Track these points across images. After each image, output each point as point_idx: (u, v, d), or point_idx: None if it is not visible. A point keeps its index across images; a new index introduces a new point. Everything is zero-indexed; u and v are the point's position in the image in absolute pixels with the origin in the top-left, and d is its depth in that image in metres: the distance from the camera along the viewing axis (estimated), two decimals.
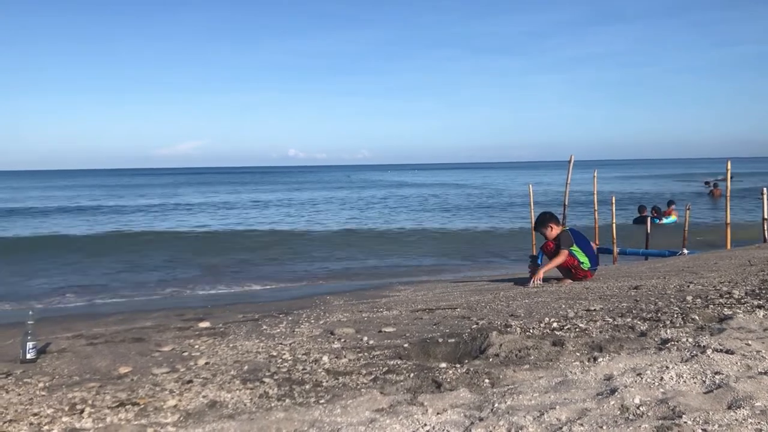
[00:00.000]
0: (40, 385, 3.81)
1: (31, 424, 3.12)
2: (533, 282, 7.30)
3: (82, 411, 3.28)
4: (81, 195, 49.11)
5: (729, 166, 13.07)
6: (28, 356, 4.38)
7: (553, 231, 7.50)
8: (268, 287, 11.10)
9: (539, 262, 7.77)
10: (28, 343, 4.39)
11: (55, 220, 26.91)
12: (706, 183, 45.85)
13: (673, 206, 20.87)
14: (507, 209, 30.12)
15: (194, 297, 10.17)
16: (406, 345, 4.38)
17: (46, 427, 3.06)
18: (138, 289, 11.03)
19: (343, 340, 4.67)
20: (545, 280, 7.47)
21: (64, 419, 3.16)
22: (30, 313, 4.64)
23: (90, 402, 3.42)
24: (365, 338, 4.68)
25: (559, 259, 7.31)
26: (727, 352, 3.49)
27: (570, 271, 7.40)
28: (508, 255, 15.29)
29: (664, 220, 19.82)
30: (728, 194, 12.99)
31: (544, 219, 7.67)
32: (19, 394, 3.62)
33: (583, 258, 7.36)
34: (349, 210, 32.17)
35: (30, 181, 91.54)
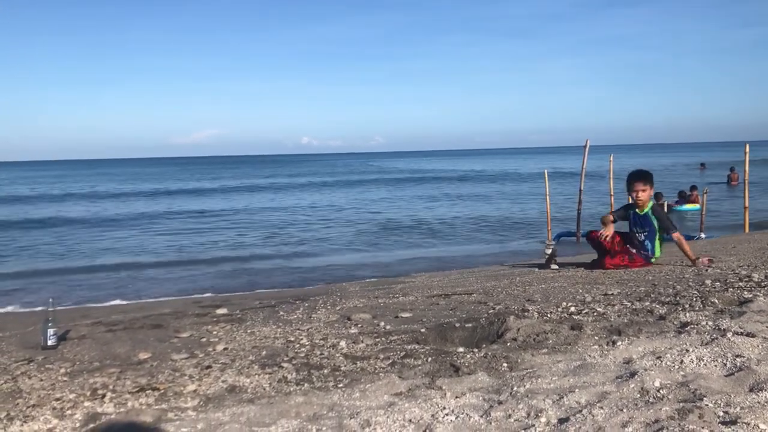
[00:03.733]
0: (62, 370, 3.85)
1: (54, 408, 3.16)
2: (704, 262, 6.29)
3: (104, 396, 3.31)
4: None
5: (747, 150, 12.95)
6: (49, 343, 4.43)
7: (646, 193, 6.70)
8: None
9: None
10: (48, 330, 4.44)
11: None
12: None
13: (696, 191, 20.00)
14: None
15: (211, 283, 10.23)
16: (423, 330, 4.38)
17: (69, 412, 3.10)
18: None
19: (360, 325, 4.68)
20: (561, 264, 7.43)
21: (86, 404, 3.20)
22: (50, 300, 4.69)
23: (111, 387, 3.46)
24: (382, 323, 4.68)
25: (682, 239, 6.57)
26: (748, 335, 3.46)
27: (628, 252, 6.71)
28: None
29: (688, 207, 19.01)
30: (746, 178, 12.88)
31: (650, 176, 6.77)
32: (42, 380, 3.66)
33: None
34: None
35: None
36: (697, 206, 18.82)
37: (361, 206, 26.53)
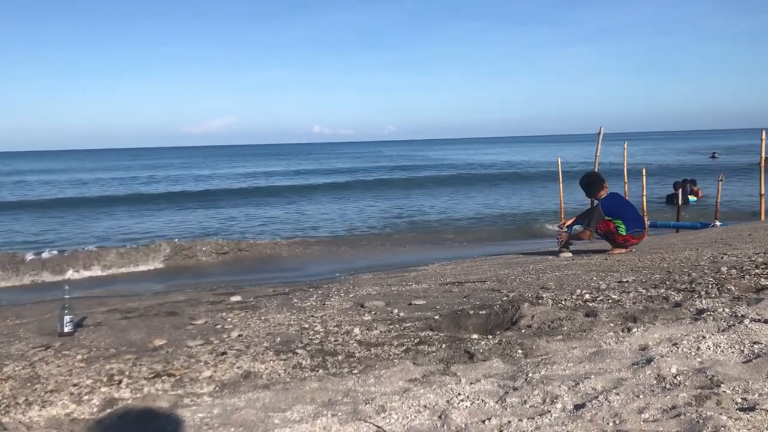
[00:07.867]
0: (79, 357, 3.89)
1: (72, 393, 3.19)
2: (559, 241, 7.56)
3: (120, 382, 3.34)
4: None
5: (764, 136, 12.80)
6: (66, 329, 4.47)
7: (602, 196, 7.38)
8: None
9: (569, 231, 7.70)
10: (65, 317, 4.48)
11: None
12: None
13: (695, 187, 19.63)
14: None
15: (224, 271, 10.29)
16: (436, 317, 4.38)
17: (86, 397, 3.13)
18: None
19: (373, 312, 4.69)
20: (574, 252, 7.39)
21: (103, 389, 3.23)
22: (66, 287, 4.72)
23: (127, 373, 3.48)
24: (395, 311, 4.69)
25: (582, 236, 7.34)
26: (766, 321, 3.42)
27: (608, 236, 7.26)
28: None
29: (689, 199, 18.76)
30: (762, 164, 12.74)
31: (594, 185, 7.46)
32: (59, 366, 3.69)
33: (618, 223, 7.13)
34: None
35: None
36: (693, 198, 18.63)
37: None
